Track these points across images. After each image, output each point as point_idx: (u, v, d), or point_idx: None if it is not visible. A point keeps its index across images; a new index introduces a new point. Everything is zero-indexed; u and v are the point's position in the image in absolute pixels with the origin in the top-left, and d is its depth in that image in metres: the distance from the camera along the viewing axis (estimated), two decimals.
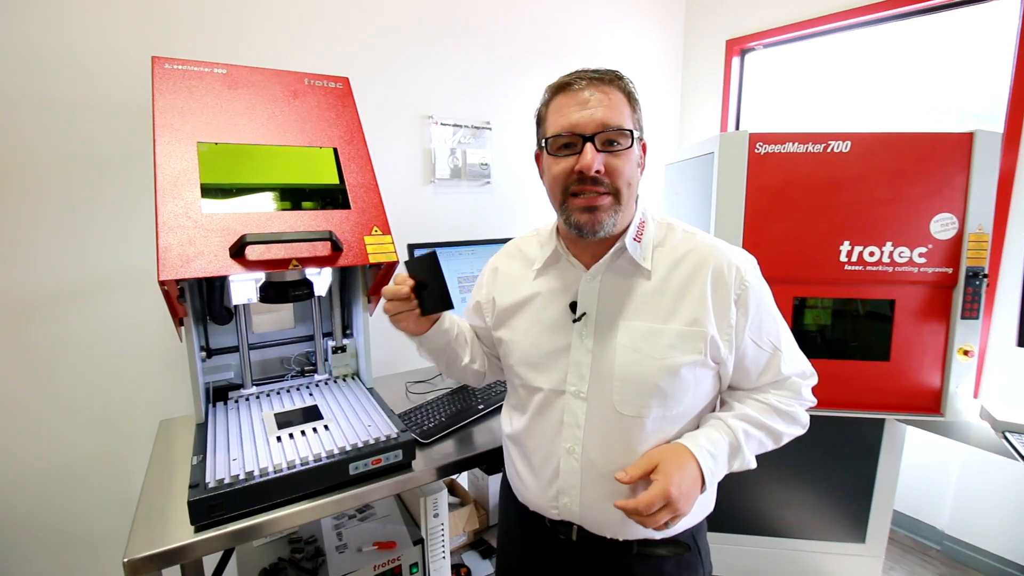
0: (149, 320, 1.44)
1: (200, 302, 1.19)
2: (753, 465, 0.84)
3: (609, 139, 0.78)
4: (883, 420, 1.58)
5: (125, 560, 0.81)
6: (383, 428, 1.07)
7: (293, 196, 1.06)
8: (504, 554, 1.08)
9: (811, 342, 1.46)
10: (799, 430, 0.89)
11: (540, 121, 0.86)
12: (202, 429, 1.08)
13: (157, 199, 0.92)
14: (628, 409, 0.82)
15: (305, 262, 0.98)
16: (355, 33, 1.67)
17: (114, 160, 1.37)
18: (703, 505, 0.90)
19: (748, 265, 0.84)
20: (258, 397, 1.23)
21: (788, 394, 0.88)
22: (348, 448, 1.00)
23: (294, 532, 1.32)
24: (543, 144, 0.84)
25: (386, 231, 1.08)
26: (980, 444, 1.40)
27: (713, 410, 0.90)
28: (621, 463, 0.81)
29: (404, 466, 1.07)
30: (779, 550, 1.78)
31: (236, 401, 1.22)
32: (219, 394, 1.25)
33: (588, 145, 0.77)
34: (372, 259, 1.03)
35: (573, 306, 0.87)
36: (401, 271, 0.88)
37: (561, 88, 0.81)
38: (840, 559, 1.74)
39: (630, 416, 0.82)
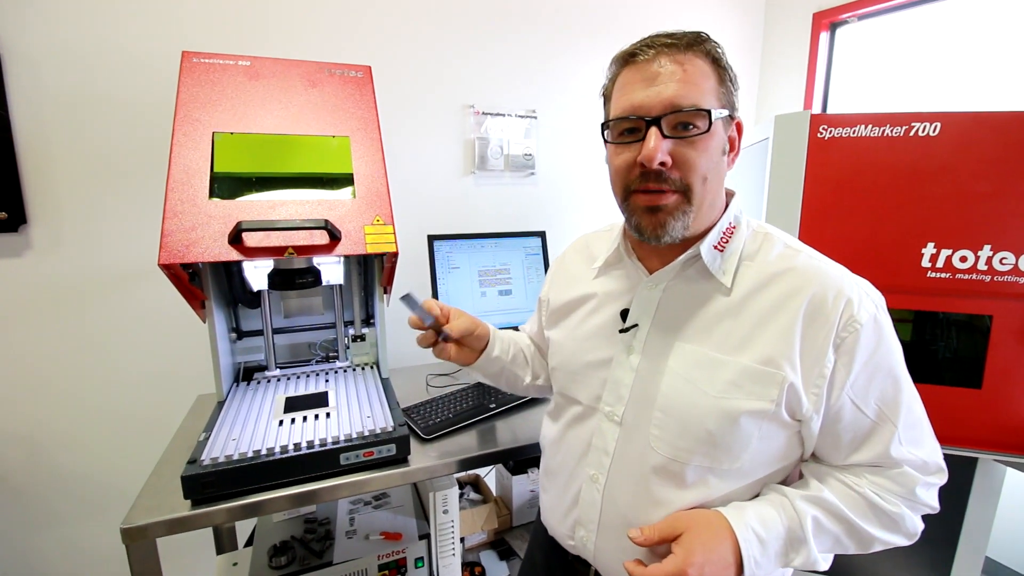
0: None
1: (228, 286, 1.25)
2: (822, 566, 0.64)
3: (681, 121, 0.63)
4: (975, 459, 1.32)
5: (123, 527, 0.87)
6: (379, 421, 1.06)
7: (301, 184, 1.07)
8: (525, 571, 1.01)
9: None
10: (901, 540, 0.67)
11: (606, 101, 0.74)
12: (219, 407, 1.13)
13: (168, 187, 0.96)
14: (664, 449, 0.68)
15: (301, 250, 0.98)
16: (396, 21, 1.67)
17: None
18: None
19: (865, 301, 0.64)
20: (279, 380, 1.28)
21: (894, 487, 0.66)
22: (341, 438, 1.00)
23: (311, 512, 1.36)
24: (603, 129, 0.72)
25: (388, 220, 1.06)
26: None
27: (787, 481, 0.72)
28: (647, 512, 0.69)
29: (400, 460, 1.05)
30: None
31: (258, 382, 1.27)
32: (248, 374, 1.32)
33: (652, 130, 0.62)
34: (370, 248, 1.02)
35: (625, 314, 0.75)
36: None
37: (627, 60, 0.67)
38: None
39: (666, 458, 0.68)
